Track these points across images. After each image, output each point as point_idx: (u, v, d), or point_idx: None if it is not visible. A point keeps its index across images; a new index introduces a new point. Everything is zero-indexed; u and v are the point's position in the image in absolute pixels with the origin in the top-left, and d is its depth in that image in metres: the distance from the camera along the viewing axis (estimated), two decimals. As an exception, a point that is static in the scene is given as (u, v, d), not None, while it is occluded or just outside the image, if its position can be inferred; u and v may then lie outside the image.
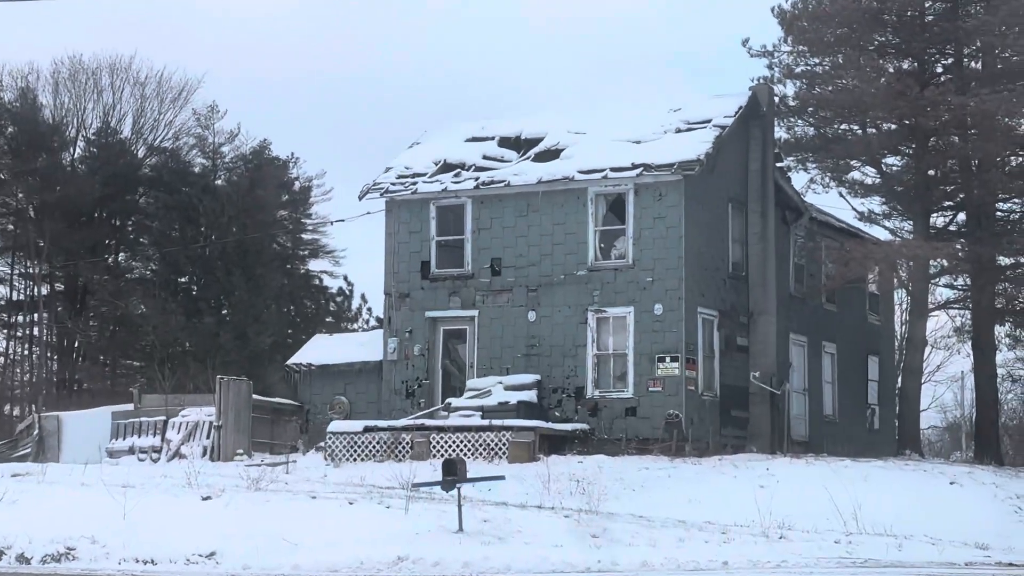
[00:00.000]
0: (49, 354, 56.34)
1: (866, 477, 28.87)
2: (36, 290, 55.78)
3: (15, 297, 57.47)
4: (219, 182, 56.53)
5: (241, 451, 35.03)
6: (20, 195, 55.99)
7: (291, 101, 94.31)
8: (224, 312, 54.96)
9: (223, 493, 24.30)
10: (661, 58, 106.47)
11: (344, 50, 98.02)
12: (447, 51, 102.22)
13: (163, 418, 36.87)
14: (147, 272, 57.81)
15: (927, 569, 20.63)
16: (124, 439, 37.07)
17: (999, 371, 45.40)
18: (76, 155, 57.62)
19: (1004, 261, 41.43)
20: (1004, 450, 45.15)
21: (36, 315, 55.85)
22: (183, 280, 56.68)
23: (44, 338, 55.46)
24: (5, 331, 57.90)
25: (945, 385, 57.01)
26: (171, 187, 54.75)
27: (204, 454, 35.05)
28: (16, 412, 52.53)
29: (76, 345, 56.66)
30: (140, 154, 57.74)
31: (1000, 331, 44.98)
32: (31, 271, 55.66)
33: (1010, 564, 21.42)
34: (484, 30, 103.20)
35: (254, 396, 36.86)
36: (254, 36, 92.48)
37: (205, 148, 57.42)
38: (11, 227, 57.06)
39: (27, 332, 57.82)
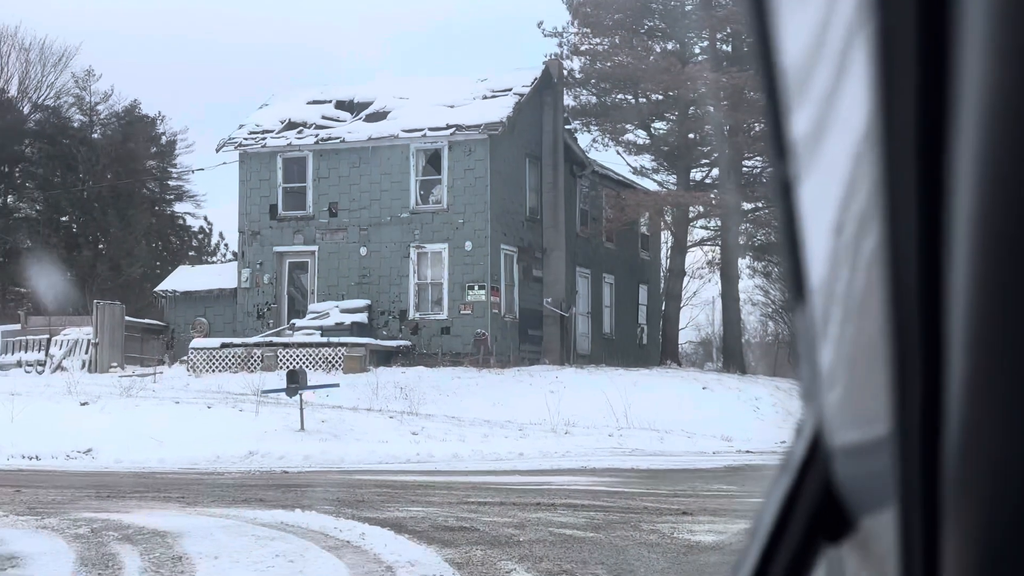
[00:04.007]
0: (-54, 282, 54.33)
1: (635, 383, 29.43)
2: (-66, 227, 53.69)
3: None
4: (95, 135, 54.84)
5: (115, 364, 34.35)
6: (-82, 145, 53.59)
7: (159, 67, 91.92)
8: (100, 247, 53.57)
9: (99, 399, 23.84)
10: (471, 32, 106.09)
11: (205, 22, 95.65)
12: (292, 26, 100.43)
13: (47, 336, 35.94)
14: (32, 212, 55.95)
15: (683, 456, 21.16)
16: (12, 354, 36.05)
17: (741, 296, 46.54)
18: (-32, 111, 55.28)
19: (747, 206, 42.39)
20: (747, 361, 46.38)
21: (-66, 248, 53.80)
22: (64, 219, 55.03)
23: (-59, 268, 53.49)
24: (-94, 262, 55.61)
25: (699, 308, 58.17)
26: (53, 139, 53.05)
27: (83, 367, 34.25)
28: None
29: (-30, 274, 54.72)
30: (25, 111, 55.60)
31: (742, 263, 46.10)
32: (-71, 210, 53.52)
33: (747, 451, 22.10)
34: (317, 11, 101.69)
35: (127, 318, 36.16)
36: (126, 10, 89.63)
37: (83, 106, 55.58)
38: (-90, 172, 54.67)
39: (-74, 263, 55.63)
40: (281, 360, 31.64)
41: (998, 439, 0.49)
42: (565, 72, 39.37)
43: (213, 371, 32.16)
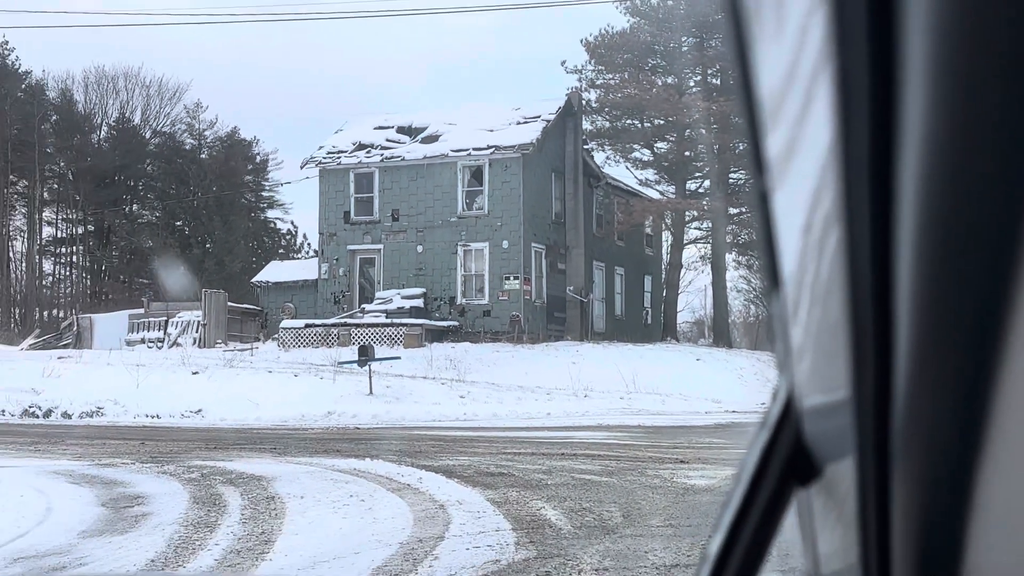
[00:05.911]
0: (84, 275, 54.89)
1: (641, 356, 29.40)
2: (75, 230, 54.31)
3: (59, 235, 55.86)
4: (203, 156, 55.20)
5: (220, 341, 34.58)
6: (62, 164, 54.18)
7: (254, 98, 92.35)
8: (208, 246, 53.86)
9: (207, 369, 23.99)
10: (506, 69, 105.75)
11: (288, 67, 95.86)
12: (357, 61, 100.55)
13: (165, 318, 36.20)
14: (153, 218, 56.33)
15: (681, 416, 21.10)
16: (137, 333, 36.33)
17: (728, 284, 46.39)
18: (101, 136, 55.79)
19: (733, 211, 42.17)
20: (733, 338, 46.17)
21: (75, 248, 54.42)
22: (178, 223, 55.36)
23: (80, 263, 54.06)
24: (53, 259, 56.24)
25: (694, 294, 57.80)
26: (169, 159, 53.52)
27: (194, 343, 34.50)
28: (61, 314, 51.08)
29: (103, 268, 55.18)
30: (147, 136, 56.06)
31: (729, 258, 45.90)
32: (71, 217, 54.12)
33: (733, 411, 22.00)
34: (376, 48, 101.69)
35: (229, 303, 36.41)
36: (228, 50, 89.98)
37: (193, 132, 55.99)
38: (56, 186, 55.31)
39: (68, 259, 56.21)
40: (354, 337, 31.74)
41: (936, 403, 0.50)
42: (583, 102, 39.30)
43: (299, 346, 32.31)
